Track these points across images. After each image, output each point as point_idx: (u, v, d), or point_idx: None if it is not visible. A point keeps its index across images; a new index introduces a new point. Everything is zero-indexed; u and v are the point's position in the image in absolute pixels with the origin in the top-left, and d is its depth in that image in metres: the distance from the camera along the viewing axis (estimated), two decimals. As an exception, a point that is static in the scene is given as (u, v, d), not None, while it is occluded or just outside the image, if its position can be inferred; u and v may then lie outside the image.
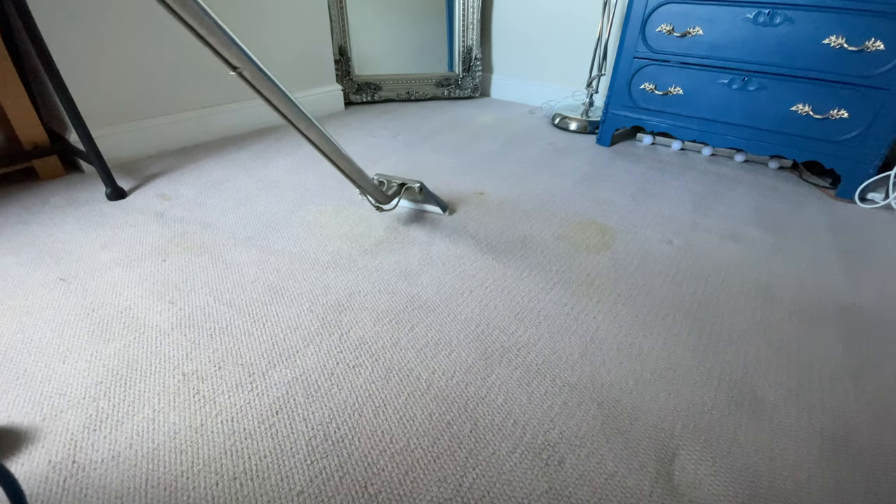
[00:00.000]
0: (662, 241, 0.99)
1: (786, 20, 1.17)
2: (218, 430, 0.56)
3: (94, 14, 1.17)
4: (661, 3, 1.31)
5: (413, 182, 0.97)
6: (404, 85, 2.04)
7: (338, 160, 0.78)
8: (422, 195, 0.99)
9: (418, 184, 0.96)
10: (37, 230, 0.96)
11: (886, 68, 1.10)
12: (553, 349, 0.69)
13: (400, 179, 0.99)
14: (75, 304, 0.75)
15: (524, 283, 0.84)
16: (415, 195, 1.01)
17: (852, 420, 0.60)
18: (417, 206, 1.08)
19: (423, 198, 1.02)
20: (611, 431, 0.57)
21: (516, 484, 0.51)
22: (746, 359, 0.69)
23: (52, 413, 0.57)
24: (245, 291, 0.80)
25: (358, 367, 0.65)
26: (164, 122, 1.39)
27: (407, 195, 1.03)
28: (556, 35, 1.94)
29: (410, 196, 1.04)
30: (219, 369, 0.64)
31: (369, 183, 0.88)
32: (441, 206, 1.04)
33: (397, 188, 0.98)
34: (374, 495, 0.49)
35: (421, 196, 1.00)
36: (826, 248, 0.99)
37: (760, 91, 1.27)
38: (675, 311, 0.78)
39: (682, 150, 1.57)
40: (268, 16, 1.55)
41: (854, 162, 1.20)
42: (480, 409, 0.59)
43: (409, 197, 1.05)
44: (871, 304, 0.82)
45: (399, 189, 0.99)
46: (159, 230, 0.98)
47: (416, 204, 1.08)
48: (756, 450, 0.55)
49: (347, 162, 0.80)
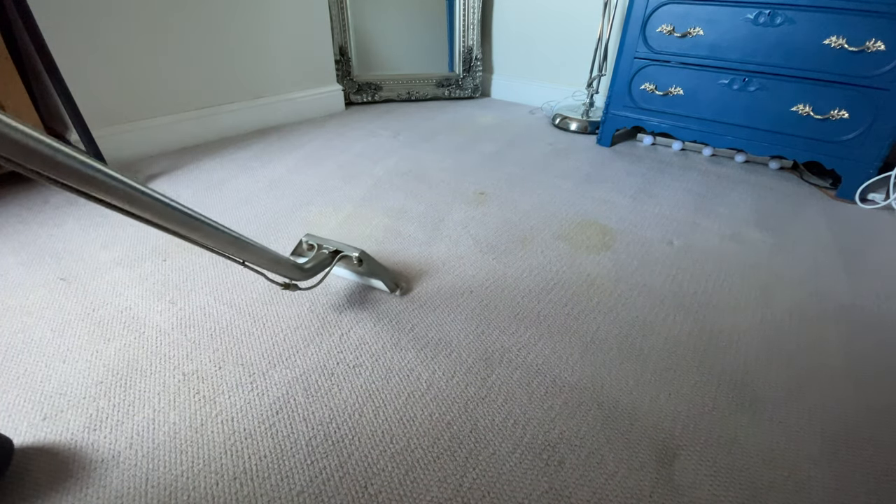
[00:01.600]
0: (663, 242, 0.99)
1: (786, 20, 1.17)
2: (218, 430, 0.56)
3: (95, 14, 1.17)
4: (662, 3, 1.31)
5: (351, 250, 0.75)
6: (405, 85, 2.04)
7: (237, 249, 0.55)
8: (362, 266, 0.77)
9: (357, 252, 0.74)
10: (37, 230, 0.96)
11: (887, 69, 1.10)
12: (553, 349, 0.69)
13: (335, 245, 0.76)
14: (76, 304, 0.75)
15: (524, 283, 0.84)
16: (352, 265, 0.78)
17: (852, 420, 0.60)
18: (361, 279, 0.83)
19: (364, 269, 0.78)
20: (611, 432, 0.57)
21: (516, 484, 0.51)
22: (746, 359, 0.69)
23: (53, 413, 0.57)
24: (245, 291, 0.80)
25: (358, 367, 0.65)
26: (165, 122, 1.39)
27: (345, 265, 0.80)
28: (556, 35, 1.94)
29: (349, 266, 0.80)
30: (219, 369, 0.64)
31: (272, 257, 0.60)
32: (387, 282, 0.79)
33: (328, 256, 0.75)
34: (374, 495, 0.49)
35: (361, 268, 0.77)
36: (826, 249, 0.99)
37: (761, 91, 1.27)
38: (675, 311, 0.78)
39: (683, 150, 1.57)
40: (268, 16, 1.55)
41: (854, 162, 1.20)
42: (480, 409, 0.59)
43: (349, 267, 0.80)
44: (872, 305, 0.82)
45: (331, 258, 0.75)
46: (160, 230, 0.98)
47: (359, 276, 0.82)
48: (756, 450, 0.55)
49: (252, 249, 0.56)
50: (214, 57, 1.45)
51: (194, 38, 1.39)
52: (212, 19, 1.41)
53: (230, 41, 1.48)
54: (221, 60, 1.47)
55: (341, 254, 0.75)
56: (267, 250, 0.59)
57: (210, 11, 1.39)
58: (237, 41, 1.49)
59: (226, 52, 1.48)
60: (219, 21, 1.42)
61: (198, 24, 1.38)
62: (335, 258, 0.75)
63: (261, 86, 1.62)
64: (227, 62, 1.49)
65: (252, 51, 1.54)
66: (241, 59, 1.52)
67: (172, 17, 1.32)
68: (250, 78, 1.57)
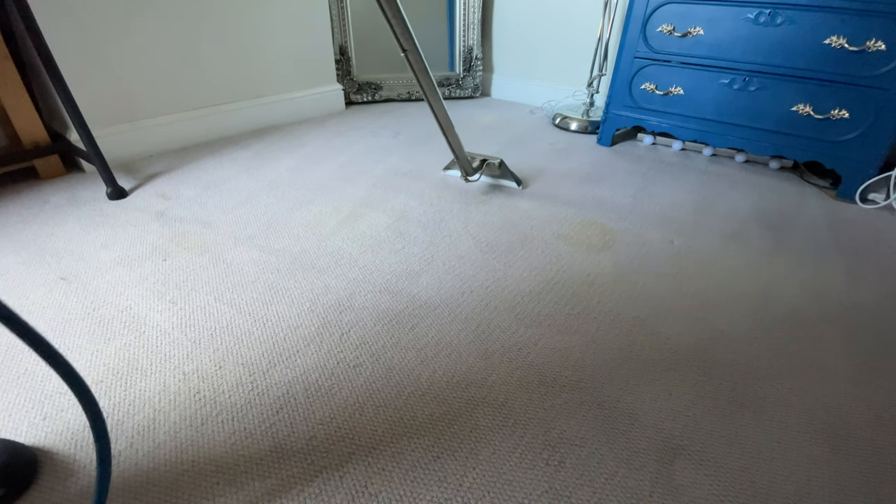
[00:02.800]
0: (663, 241, 0.99)
1: (787, 20, 1.17)
2: (219, 430, 0.56)
3: (96, 14, 1.17)
4: (662, 3, 1.31)
5: (493, 158, 1.15)
6: (405, 85, 2.04)
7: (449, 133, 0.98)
8: (500, 170, 1.16)
9: (498, 160, 1.14)
10: (38, 229, 0.96)
11: (887, 69, 1.09)
12: (553, 349, 0.69)
13: (482, 156, 1.16)
14: (76, 304, 0.75)
15: (524, 283, 0.84)
16: (494, 170, 1.18)
17: (852, 420, 0.60)
18: (495, 180, 1.23)
19: (500, 173, 1.19)
20: (611, 431, 0.57)
21: (516, 484, 0.51)
22: (746, 359, 0.69)
23: (53, 412, 0.57)
24: (245, 291, 0.80)
25: (358, 367, 0.65)
26: (165, 121, 1.39)
27: (487, 170, 1.20)
28: (556, 35, 1.94)
29: (490, 171, 1.20)
30: (219, 369, 0.64)
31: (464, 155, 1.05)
32: (517, 180, 1.18)
33: (479, 163, 1.14)
34: (374, 495, 0.49)
35: (499, 171, 1.17)
36: (827, 249, 0.99)
37: (761, 91, 1.27)
38: (675, 311, 0.78)
39: (683, 150, 1.57)
40: (269, 15, 1.55)
41: (855, 162, 1.20)
42: (480, 408, 0.59)
43: (489, 172, 1.21)
44: (872, 305, 0.82)
45: (481, 164, 1.14)
46: (160, 230, 0.98)
47: (494, 179, 1.23)
48: (756, 450, 0.55)
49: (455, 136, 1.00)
50: (215, 56, 1.45)
51: (195, 38, 1.39)
52: (212, 18, 1.41)
53: (230, 40, 1.48)
54: (222, 60, 1.47)
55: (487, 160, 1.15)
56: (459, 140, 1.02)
57: (210, 11, 1.39)
58: (237, 40, 1.49)
59: (226, 52, 1.48)
60: (219, 20, 1.42)
61: (198, 23, 1.38)
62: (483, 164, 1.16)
63: (261, 85, 1.62)
64: (227, 61, 1.49)
65: (252, 50, 1.54)
66: (241, 58, 1.52)
67: (172, 16, 1.32)
68: (250, 77, 1.57)
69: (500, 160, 1.12)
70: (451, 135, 0.98)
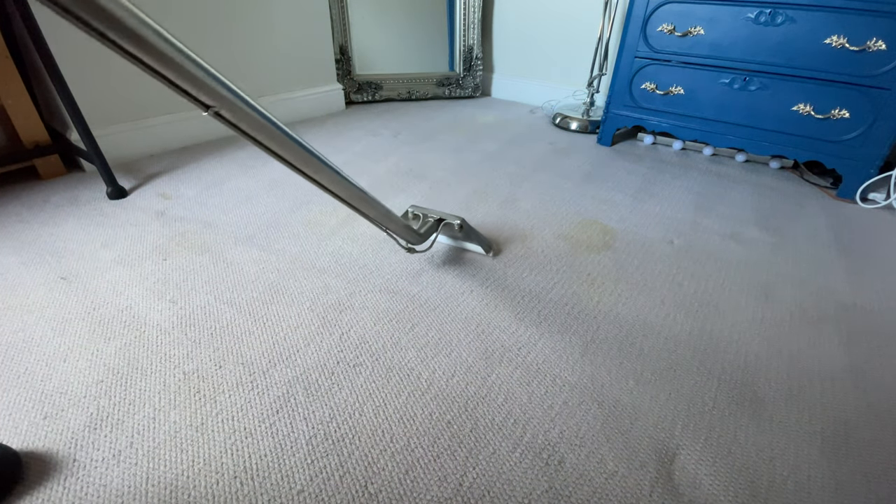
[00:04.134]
0: (663, 241, 0.99)
1: (787, 20, 1.17)
2: (218, 429, 0.56)
3: (95, 13, 1.17)
4: (663, 2, 1.31)
5: (453, 218, 0.84)
6: (405, 84, 2.04)
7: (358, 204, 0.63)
8: (461, 232, 0.86)
9: (458, 220, 0.83)
10: (38, 229, 0.96)
11: (888, 68, 1.09)
12: (553, 349, 0.69)
13: (437, 214, 0.86)
14: (76, 303, 0.75)
15: (524, 283, 0.84)
16: (454, 232, 0.88)
17: (852, 420, 0.60)
18: (456, 243, 0.95)
19: (463, 235, 0.89)
20: (611, 431, 0.57)
21: (516, 483, 0.51)
22: (746, 359, 0.69)
23: (53, 412, 0.57)
24: (246, 290, 0.80)
25: (358, 367, 0.65)
26: (165, 121, 1.39)
27: (445, 231, 0.91)
28: (557, 34, 1.94)
29: (449, 233, 0.91)
30: (219, 368, 0.64)
31: (398, 223, 0.73)
32: (483, 245, 0.91)
33: (433, 224, 0.86)
34: (374, 494, 0.49)
35: (461, 234, 0.87)
36: (827, 249, 0.99)
37: (762, 91, 1.27)
38: (675, 310, 0.78)
39: (683, 149, 1.57)
40: (269, 15, 1.55)
41: (855, 162, 1.20)
42: (481, 408, 0.59)
43: (448, 233, 0.93)
44: (872, 305, 0.82)
45: (436, 225, 0.86)
46: (160, 229, 0.98)
47: (455, 241, 0.95)
48: (756, 450, 0.55)
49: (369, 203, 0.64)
50: (214, 56, 1.45)
51: (194, 37, 1.39)
52: (212, 18, 1.41)
53: (230, 40, 1.47)
54: (221, 59, 1.47)
55: (444, 221, 0.86)
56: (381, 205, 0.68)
57: (210, 10, 1.39)
58: (237, 40, 1.49)
59: (226, 51, 1.47)
60: (219, 20, 1.42)
61: (198, 22, 1.38)
62: (439, 225, 0.87)
63: (261, 85, 1.62)
64: (227, 61, 1.49)
65: (252, 50, 1.54)
66: (241, 57, 1.52)
67: (172, 16, 1.32)
68: (250, 77, 1.57)
69: (461, 220, 0.83)
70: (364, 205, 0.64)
